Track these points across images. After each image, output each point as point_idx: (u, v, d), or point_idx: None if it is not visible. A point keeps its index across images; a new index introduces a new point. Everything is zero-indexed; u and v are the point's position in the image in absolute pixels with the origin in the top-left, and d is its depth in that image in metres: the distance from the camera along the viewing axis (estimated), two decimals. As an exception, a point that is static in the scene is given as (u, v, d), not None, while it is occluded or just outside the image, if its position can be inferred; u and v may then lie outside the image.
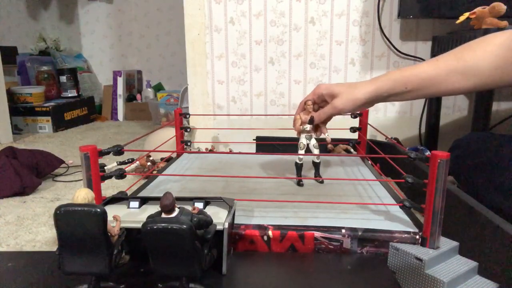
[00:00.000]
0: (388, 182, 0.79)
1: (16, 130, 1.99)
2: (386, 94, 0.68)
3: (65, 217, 0.43)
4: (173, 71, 2.63)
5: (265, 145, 1.21)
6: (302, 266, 0.56)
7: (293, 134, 0.81)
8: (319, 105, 0.76)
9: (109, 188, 1.04)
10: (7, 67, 1.98)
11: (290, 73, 1.39)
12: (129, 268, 0.54)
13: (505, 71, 0.64)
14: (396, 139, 1.26)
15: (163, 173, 0.88)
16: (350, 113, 0.78)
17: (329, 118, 0.75)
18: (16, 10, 2.45)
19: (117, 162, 0.81)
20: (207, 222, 0.49)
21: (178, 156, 1.04)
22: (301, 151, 0.78)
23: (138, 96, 2.51)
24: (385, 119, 1.41)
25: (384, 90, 0.68)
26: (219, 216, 0.54)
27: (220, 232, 0.52)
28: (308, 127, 0.76)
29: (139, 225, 0.44)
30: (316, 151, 0.78)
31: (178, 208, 0.47)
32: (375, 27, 1.34)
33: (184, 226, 0.42)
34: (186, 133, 1.09)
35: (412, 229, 0.58)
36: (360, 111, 0.73)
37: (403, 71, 0.68)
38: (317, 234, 0.58)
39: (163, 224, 0.43)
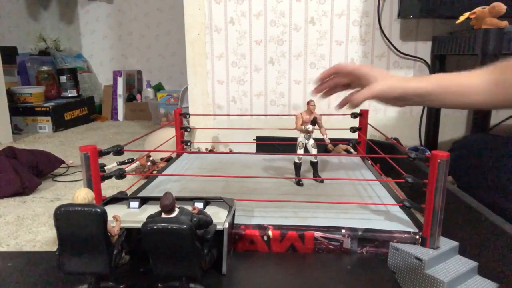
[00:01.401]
0: (388, 182, 0.79)
1: (16, 130, 1.99)
2: (431, 89, 0.63)
3: (65, 217, 0.43)
4: (173, 71, 2.63)
5: (265, 145, 1.21)
6: (302, 266, 0.56)
7: (292, 134, 0.81)
8: (348, 86, 0.70)
9: (109, 188, 1.04)
10: (7, 67, 1.98)
11: (290, 73, 1.39)
12: (129, 268, 0.54)
13: None
14: (396, 139, 1.26)
15: (163, 173, 0.88)
16: (384, 101, 0.67)
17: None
18: (16, 10, 2.45)
19: (117, 162, 0.81)
20: (207, 222, 0.49)
21: (178, 156, 1.04)
22: (300, 150, 0.78)
23: (138, 96, 2.51)
24: (385, 119, 1.41)
25: (426, 87, 0.63)
26: (219, 216, 0.54)
27: (220, 232, 0.52)
28: (310, 127, 0.76)
29: (139, 225, 0.44)
30: (314, 151, 0.78)
31: (178, 208, 0.47)
32: (375, 27, 1.34)
33: (184, 226, 0.42)
34: (186, 133, 1.09)
35: (412, 229, 0.58)
36: (392, 103, 0.68)
37: (445, 74, 0.65)
38: (317, 234, 0.58)
39: (163, 224, 0.43)
